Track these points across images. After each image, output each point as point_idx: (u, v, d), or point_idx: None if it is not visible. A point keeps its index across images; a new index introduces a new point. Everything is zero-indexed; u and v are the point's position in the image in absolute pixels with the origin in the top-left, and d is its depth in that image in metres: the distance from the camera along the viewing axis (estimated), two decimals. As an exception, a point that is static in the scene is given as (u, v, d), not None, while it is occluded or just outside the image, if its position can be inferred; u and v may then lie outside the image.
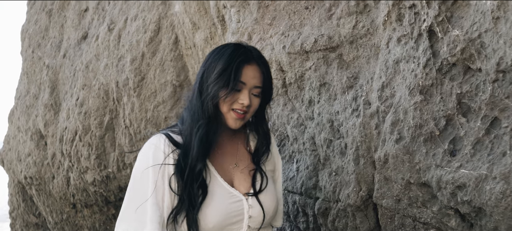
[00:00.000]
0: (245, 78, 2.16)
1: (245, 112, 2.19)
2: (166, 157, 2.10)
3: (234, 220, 2.19)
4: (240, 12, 3.36)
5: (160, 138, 2.16)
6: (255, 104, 2.23)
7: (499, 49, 2.13)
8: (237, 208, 2.20)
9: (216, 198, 2.16)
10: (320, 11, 2.95)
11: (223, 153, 2.30)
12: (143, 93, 4.40)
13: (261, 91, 2.22)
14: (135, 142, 4.53)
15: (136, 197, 2.09)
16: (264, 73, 2.22)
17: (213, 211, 2.14)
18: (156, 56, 4.33)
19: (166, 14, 4.34)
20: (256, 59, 2.21)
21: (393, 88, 2.56)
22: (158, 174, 2.09)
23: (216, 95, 2.12)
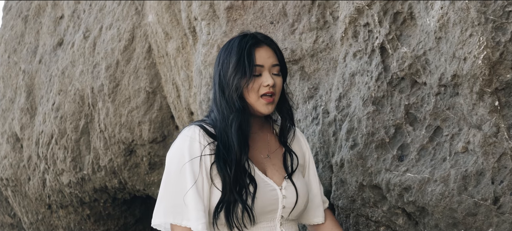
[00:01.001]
0: (261, 60, 2.16)
1: (273, 93, 2.17)
2: (203, 148, 2.09)
3: (268, 209, 2.17)
4: (210, 25, 3.53)
5: (195, 129, 2.14)
6: (279, 83, 2.21)
7: (440, 65, 2.36)
8: (272, 197, 2.18)
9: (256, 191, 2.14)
10: (284, 26, 3.15)
11: (255, 145, 2.26)
12: (117, 99, 4.55)
13: (280, 70, 2.22)
14: (109, 145, 4.67)
15: (175, 190, 2.07)
16: (276, 50, 2.23)
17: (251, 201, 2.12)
18: (130, 64, 4.49)
19: (140, 24, 4.51)
20: (264, 40, 2.21)
21: (349, 99, 2.78)
22: (196, 165, 2.07)
23: (238, 86, 2.12)
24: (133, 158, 4.65)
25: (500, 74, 2.18)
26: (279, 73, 2.22)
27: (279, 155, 2.31)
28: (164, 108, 4.48)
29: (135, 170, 4.69)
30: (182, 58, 4.14)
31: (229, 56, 2.17)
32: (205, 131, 2.14)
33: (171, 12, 4.14)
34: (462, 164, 2.25)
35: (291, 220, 2.27)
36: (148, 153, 4.54)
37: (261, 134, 2.31)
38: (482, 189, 2.19)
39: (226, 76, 2.16)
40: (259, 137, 2.30)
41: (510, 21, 2.15)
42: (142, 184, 4.74)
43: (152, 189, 4.74)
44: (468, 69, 2.23)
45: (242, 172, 2.11)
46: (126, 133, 4.53)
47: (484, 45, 2.18)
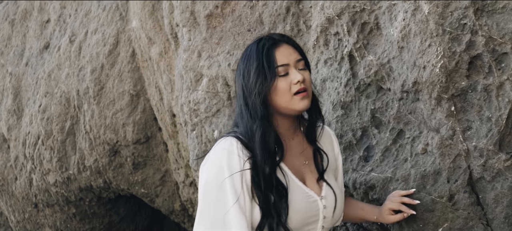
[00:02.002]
0: (284, 59, 2.07)
1: (305, 88, 2.06)
2: (243, 162, 1.98)
3: (310, 221, 2.10)
4: (191, 31, 3.66)
5: (232, 141, 2.01)
6: (308, 77, 2.11)
7: (403, 73, 2.52)
8: (314, 209, 2.10)
9: (298, 201, 2.06)
10: (260, 34, 3.29)
11: (292, 153, 2.15)
12: (102, 102, 4.67)
13: (305, 64, 2.13)
14: (94, 146, 4.79)
15: (215, 207, 1.98)
16: (296, 47, 2.14)
17: (294, 214, 2.04)
18: (115, 67, 4.61)
19: (124, 29, 4.63)
20: (281, 39, 2.12)
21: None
22: (237, 181, 1.96)
23: (261, 91, 2.02)
24: (118, 158, 4.76)
25: (456, 81, 2.34)
26: (305, 68, 2.12)
27: (311, 156, 2.21)
28: (148, 110, 4.60)
29: (119, 170, 4.81)
30: (164, 63, 4.27)
31: (249, 64, 2.08)
32: (242, 144, 2.01)
33: (154, 18, 4.27)
34: (422, 164, 2.42)
35: (330, 228, 2.22)
36: (132, 154, 4.66)
37: (296, 139, 2.20)
38: (439, 187, 2.35)
39: (248, 85, 2.06)
40: (295, 142, 2.19)
41: (465, 33, 2.32)
42: (126, 183, 4.86)
43: (136, 188, 4.86)
44: (427, 76, 2.39)
45: (269, 186, 2.00)
46: (110, 134, 4.65)
47: (441, 54, 2.34)
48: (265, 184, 1.99)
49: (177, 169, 4.59)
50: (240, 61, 2.15)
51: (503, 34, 2.26)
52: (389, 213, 2.33)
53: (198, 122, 3.56)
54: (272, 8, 3.23)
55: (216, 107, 3.46)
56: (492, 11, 2.29)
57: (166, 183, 4.79)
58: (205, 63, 3.51)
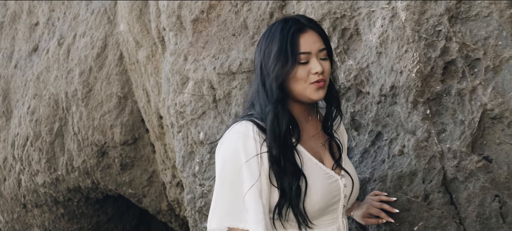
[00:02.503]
0: (307, 47, 2.00)
1: (324, 79, 2.02)
2: (260, 145, 1.94)
3: (333, 201, 2.06)
4: (177, 35, 3.72)
5: (247, 125, 1.97)
6: (327, 68, 2.05)
7: (381, 77, 2.60)
8: (336, 188, 2.06)
9: (318, 181, 2.01)
10: (245, 38, 3.35)
11: (309, 135, 2.11)
12: (90, 104, 4.71)
13: (327, 54, 2.06)
14: (82, 147, 4.83)
15: (231, 192, 1.94)
16: (321, 34, 2.06)
17: (317, 195, 2.00)
18: (103, 70, 4.66)
19: (112, 33, 4.68)
20: (308, 25, 2.04)
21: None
22: (254, 165, 1.92)
23: (278, 75, 1.97)
24: (105, 159, 4.80)
25: (431, 86, 2.42)
26: (327, 57, 2.06)
27: (326, 139, 2.18)
28: (135, 112, 4.64)
29: (107, 170, 4.84)
30: (152, 66, 4.31)
31: (271, 44, 2.01)
32: (258, 127, 1.98)
33: (142, 22, 4.32)
34: (398, 165, 2.49)
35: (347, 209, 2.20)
36: (119, 155, 4.70)
37: (310, 122, 2.16)
38: (415, 187, 2.43)
39: (267, 65, 2.01)
40: (310, 125, 2.15)
41: (440, 39, 2.40)
42: (114, 184, 4.89)
43: (124, 188, 4.89)
44: (404, 81, 2.47)
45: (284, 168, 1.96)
46: (98, 135, 4.69)
47: (417, 60, 2.42)
48: (277, 167, 1.95)
49: (164, 170, 4.64)
50: (262, 38, 2.09)
51: (476, 41, 2.34)
52: (367, 215, 2.41)
53: (184, 124, 3.62)
54: (256, 13, 3.29)
55: (201, 110, 3.52)
56: (466, 19, 2.37)
57: (153, 184, 4.83)
58: (191, 67, 3.57)
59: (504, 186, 2.28)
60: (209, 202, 3.52)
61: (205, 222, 3.59)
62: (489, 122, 2.31)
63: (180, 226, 5.02)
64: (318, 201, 1.99)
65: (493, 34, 2.30)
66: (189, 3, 3.59)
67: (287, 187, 1.95)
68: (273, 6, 3.20)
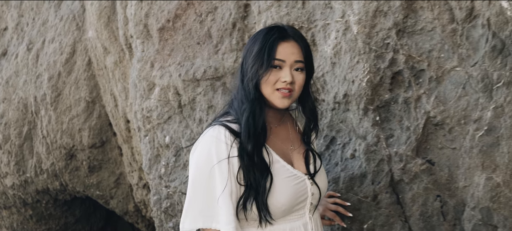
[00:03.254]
0: (283, 55, 2.06)
1: (290, 90, 2.07)
2: (230, 149, 2.01)
3: (300, 200, 2.11)
4: (144, 43, 3.81)
5: (220, 130, 2.04)
6: (300, 81, 2.10)
7: (335, 86, 2.75)
8: (302, 188, 2.11)
9: (283, 181, 2.07)
10: (209, 47, 3.47)
11: (278, 137, 2.18)
12: (59, 108, 4.77)
13: (304, 66, 2.12)
14: (51, 150, 4.88)
15: (203, 193, 2.01)
16: (303, 47, 2.12)
17: (282, 195, 2.05)
18: (71, 75, 4.72)
19: (81, 39, 4.75)
20: (292, 36, 2.11)
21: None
22: (224, 168, 1.99)
23: (254, 76, 2.05)
24: (74, 162, 4.86)
25: (380, 94, 2.58)
26: (303, 70, 2.11)
27: (301, 151, 2.23)
28: (103, 116, 4.71)
29: (75, 173, 4.90)
30: (119, 71, 4.39)
31: (253, 46, 2.09)
32: (230, 131, 2.04)
33: (109, 29, 4.40)
34: (350, 168, 2.65)
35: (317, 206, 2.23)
36: (87, 157, 4.77)
37: (283, 126, 2.23)
38: (365, 188, 2.59)
39: (246, 65, 2.09)
40: (282, 129, 2.21)
41: (388, 51, 2.56)
42: (82, 186, 4.95)
43: (92, 190, 4.95)
44: (355, 89, 2.63)
45: (253, 163, 2.03)
46: (67, 138, 4.75)
47: (368, 70, 2.58)
48: (248, 161, 2.01)
49: (131, 172, 4.71)
50: (249, 39, 2.17)
51: (421, 53, 2.51)
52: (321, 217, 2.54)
53: (151, 128, 3.72)
54: (220, 23, 3.42)
55: (167, 115, 3.63)
56: (412, 33, 2.53)
57: (121, 185, 4.90)
58: (157, 73, 3.67)
59: (445, 187, 2.45)
60: (175, 203, 3.63)
61: (170, 222, 3.69)
62: (432, 128, 2.48)
63: (146, 226, 5.09)
64: (283, 202, 2.05)
65: (436, 47, 2.47)
66: (155, 13, 3.70)
67: (254, 182, 2.01)
68: (236, 16, 3.33)
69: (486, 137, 2.31)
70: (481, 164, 2.32)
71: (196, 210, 2.02)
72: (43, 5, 5.32)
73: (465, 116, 2.38)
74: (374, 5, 2.57)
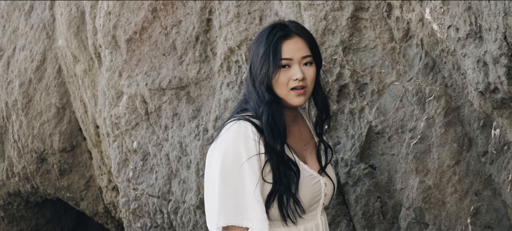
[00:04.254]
0: (289, 53, 2.03)
1: (303, 86, 2.04)
2: (258, 145, 1.98)
3: (316, 200, 2.10)
4: (112, 53, 3.99)
5: (246, 125, 2.01)
6: (310, 74, 2.07)
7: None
8: (318, 188, 2.10)
9: (305, 180, 2.05)
10: (174, 58, 3.67)
11: (294, 137, 2.15)
12: (30, 113, 4.92)
13: (313, 59, 2.09)
14: (23, 154, 5.02)
15: (233, 190, 1.95)
16: (308, 41, 2.09)
17: (304, 193, 2.04)
18: (42, 82, 4.88)
19: (51, 47, 4.91)
20: (295, 31, 2.08)
21: (223, 120, 3.37)
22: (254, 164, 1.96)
23: (264, 79, 2.02)
24: (45, 165, 5.00)
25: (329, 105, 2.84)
26: (311, 63, 2.09)
27: (312, 146, 2.21)
28: (73, 121, 4.87)
29: (46, 176, 5.04)
30: (88, 79, 4.57)
31: (258, 48, 2.07)
32: (256, 127, 2.01)
33: (79, 38, 4.56)
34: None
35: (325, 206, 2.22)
36: (58, 161, 4.92)
37: (296, 125, 2.20)
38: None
39: (255, 68, 2.06)
40: (295, 128, 2.19)
41: (335, 66, 2.81)
42: (53, 188, 5.08)
43: (62, 192, 5.08)
44: (306, 101, 2.87)
45: (284, 163, 2.01)
46: (38, 143, 4.90)
47: (317, 83, 2.83)
48: (277, 160, 1.98)
49: (100, 175, 4.88)
50: (254, 41, 2.15)
51: (364, 68, 2.77)
52: None
53: (119, 134, 3.92)
54: (184, 36, 3.62)
55: (135, 122, 3.82)
56: (356, 50, 2.79)
57: (90, 188, 5.06)
58: (125, 82, 3.86)
59: (384, 189, 2.72)
60: (142, 205, 3.83)
61: (138, 223, 3.89)
62: (374, 136, 2.74)
63: (116, 226, 5.26)
64: (305, 201, 2.03)
65: (378, 63, 2.73)
66: (123, 24, 3.89)
67: (284, 179, 1.98)
68: (199, 30, 3.54)
69: (419, 144, 2.57)
70: (415, 168, 2.59)
71: (228, 208, 1.95)
72: (13, 13, 5.45)
73: (402, 126, 2.65)
74: (323, 24, 2.81)
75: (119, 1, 3.90)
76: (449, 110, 2.50)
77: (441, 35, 2.42)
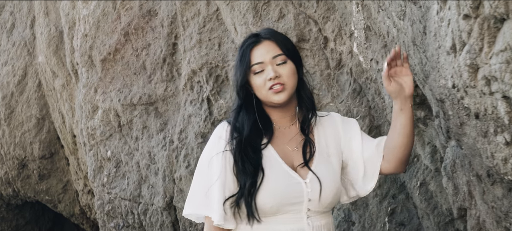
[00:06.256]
0: (260, 58, 2.03)
1: (280, 83, 2.01)
2: (226, 143, 2.02)
3: (292, 202, 2.00)
4: (88, 71, 4.32)
5: (223, 125, 2.09)
6: (286, 72, 2.03)
7: (242, 114, 3.39)
8: (296, 190, 2.00)
9: (274, 180, 2.00)
10: (144, 77, 4.01)
11: (285, 138, 2.09)
12: (12, 123, 5.21)
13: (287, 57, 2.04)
14: (5, 160, 5.28)
15: (202, 182, 2.02)
16: (279, 42, 2.06)
17: (270, 194, 1.98)
18: (23, 95, 5.19)
19: (32, 63, 5.21)
20: (264, 36, 2.07)
21: (187, 133, 3.74)
22: (220, 160, 2.00)
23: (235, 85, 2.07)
24: (25, 171, 5.27)
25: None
26: (285, 62, 2.04)
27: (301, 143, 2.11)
28: (52, 131, 5.15)
29: (27, 180, 5.31)
30: (66, 93, 4.88)
31: (236, 57, 2.11)
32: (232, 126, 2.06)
33: (58, 56, 4.87)
34: (252, 179, 3.29)
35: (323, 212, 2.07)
36: (38, 167, 5.19)
37: (293, 128, 2.13)
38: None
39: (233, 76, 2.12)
40: (291, 130, 2.12)
41: (281, 89, 3.22)
42: (33, 192, 5.36)
43: (41, 196, 5.35)
44: (257, 118, 3.27)
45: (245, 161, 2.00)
46: (19, 150, 5.18)
47: (266, 103, 3.23)
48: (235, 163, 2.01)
49: (77, 180, 5.18)
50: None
51: (305, 91, 3.17)
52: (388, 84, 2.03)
53: (95, 143, 4.25)
54: (153, 58, 3.98)
55: (109, 133, 4.17)
56: (299, 75, 3.19)
57: (68, 191, 5.34)
58: (100, 98, 4.19)
59: (321, 193, 3.14)
60: (115, 207, 4.18)
61: (112, 223, 4.24)
62: (313, 148, 3.15)
63: (90, 227, 5.54)
64: (269, 199, 1.98)
65: (317, 86, 3.11)
66: (98, 46, 4.23)
67: (243, 178, 1.99)
68: (166, 53, 3.90)
69: (348, 156, 2.99)
70: (345, 176, 3.00)
71: (196, 198, 2.04)
72: (-5, 30, 5.75)
73: (335, 140, 3.06)
74: (271, 53, 3.21)
75: (94, 25, 4.24)
76: (372, 128, 2.92)
77: (366, 65, 2.83)
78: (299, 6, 3.11)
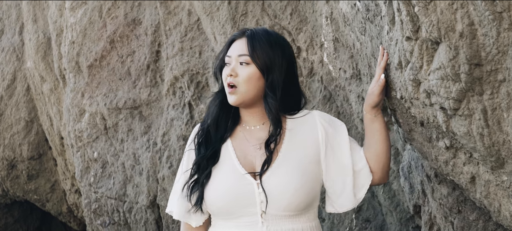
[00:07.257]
0: (230, 52, 1.94)
1: (233, 84, 1.90)
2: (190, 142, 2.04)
3: (244, 203, 1.89)
4: (76, 76, 4.44)
5: (196, 128, 2.06)
6: (243, 74, 1.89)
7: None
8: (247, 192, 1.88)
9: (223, 180, 1.92)
10: (128, 82, 4.15)
11: (251, 137, 1.97)
12: (1, 126, 5.29)
13: (252, 60, 1.89)
14: (-5, 161, 5.46)
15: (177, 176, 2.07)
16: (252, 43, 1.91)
17: (217, 192, 1.90)
18: (12, 98, 5.29)
19: (20, 68, 5.31)
20: (246, 34, 1.94)
21: (169, 135, 3.90)
22: (185, 159, 2.02)
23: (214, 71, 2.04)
24: (15, 171, 5.37)
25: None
26: (248, 64, 1.90)
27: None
28: (40, 133, 5.24)
29: (16, 180, 5.41)
30: (54, 97, 4.99)
31: None
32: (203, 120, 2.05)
33: (46, 61, 4.97)
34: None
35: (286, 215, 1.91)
36: (27, 168, 5.29)
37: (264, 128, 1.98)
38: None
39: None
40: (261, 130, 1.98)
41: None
42: (21, 191, 5.46)
43: (30, 195, 5.46)
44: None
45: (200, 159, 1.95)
46: (9, 152, 5.28)
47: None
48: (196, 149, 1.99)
49: (64, 180, 5.29)
50: None
51: (280, 96, 3.35)
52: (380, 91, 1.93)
53: (82, 145, 4.39)
54: (137, 64, 4.13)
55: (95, 135, 4.31)
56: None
57: (55, 191, 5.44)
58: (87, 102, 4.32)
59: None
60: (102, 206, 4.32)
61: (98, 220, 4.37)
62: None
63: (77, 225, 5.63)
64: (218, 198, 1.90)
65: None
66: (85, 52, 4.36)
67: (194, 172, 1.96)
68: (149, 59, 4.06)
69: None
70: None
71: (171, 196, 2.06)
72: (-15, 35, 5.84)
73: (307, 142, 3.24)
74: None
75: (81, 33, 4.38)
76: (341, 131, 3.11)
77: (335, 74, 3.02)
78: (274, 17, 3.29)
